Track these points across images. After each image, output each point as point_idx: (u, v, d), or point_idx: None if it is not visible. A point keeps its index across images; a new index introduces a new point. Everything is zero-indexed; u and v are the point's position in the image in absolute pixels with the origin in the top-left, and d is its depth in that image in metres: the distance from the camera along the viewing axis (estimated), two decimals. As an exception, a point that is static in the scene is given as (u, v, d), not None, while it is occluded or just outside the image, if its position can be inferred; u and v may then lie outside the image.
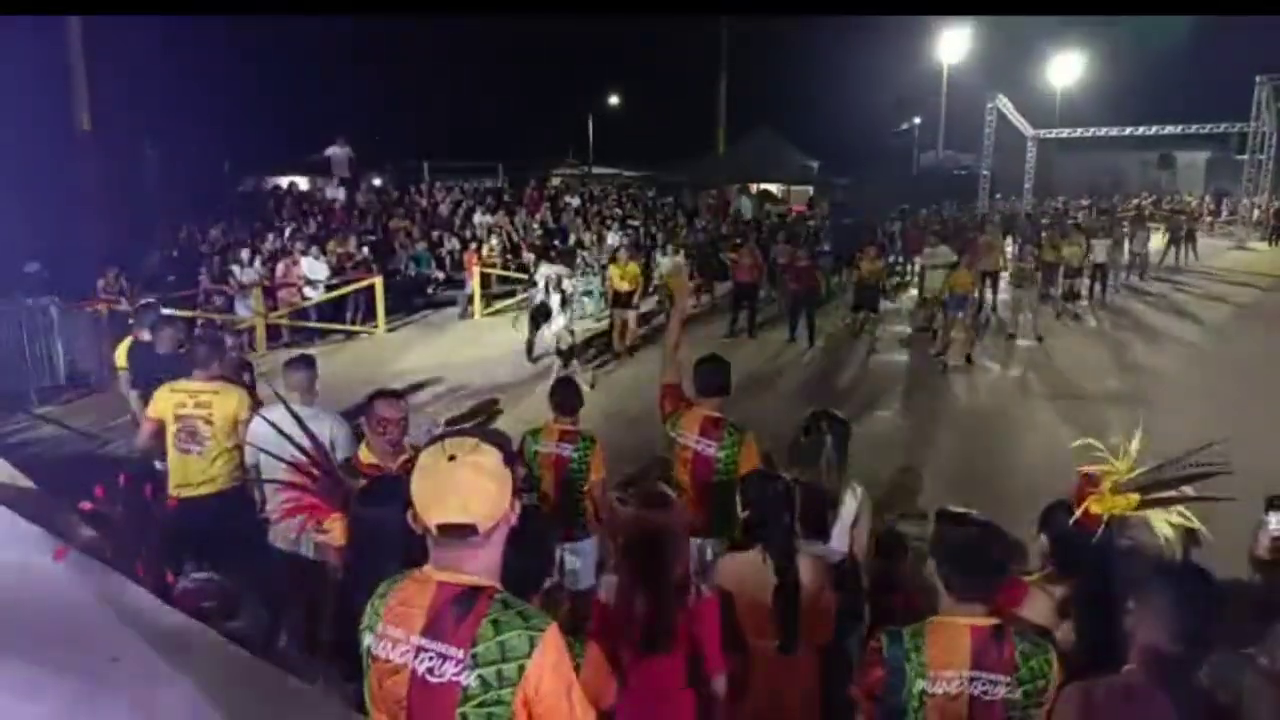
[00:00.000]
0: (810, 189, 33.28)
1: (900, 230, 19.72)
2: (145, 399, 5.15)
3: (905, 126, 41.06)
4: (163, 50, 15.74)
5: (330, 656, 2.73)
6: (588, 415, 4.79)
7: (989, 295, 14.68)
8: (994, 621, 2.29)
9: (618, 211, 21.80)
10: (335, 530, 3.24)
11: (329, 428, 4.24)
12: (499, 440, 1.92)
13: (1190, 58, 34.69)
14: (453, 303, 15.92)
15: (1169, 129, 25.70)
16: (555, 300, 11.29)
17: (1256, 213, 26.10)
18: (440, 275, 16.79)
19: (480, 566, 1.89)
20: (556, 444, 4.42)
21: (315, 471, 3.31)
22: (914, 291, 15.00)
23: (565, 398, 4.54)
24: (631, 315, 12.43)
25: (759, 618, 2.95)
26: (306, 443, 3.35)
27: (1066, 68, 37.27)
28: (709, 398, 4.24)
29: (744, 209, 26.07)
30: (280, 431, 3.51)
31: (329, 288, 13.84)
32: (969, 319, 11.59)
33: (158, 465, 5.07)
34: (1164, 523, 2.74)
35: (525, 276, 16.39)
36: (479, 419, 8.92)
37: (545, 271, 11.97)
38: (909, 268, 18.36)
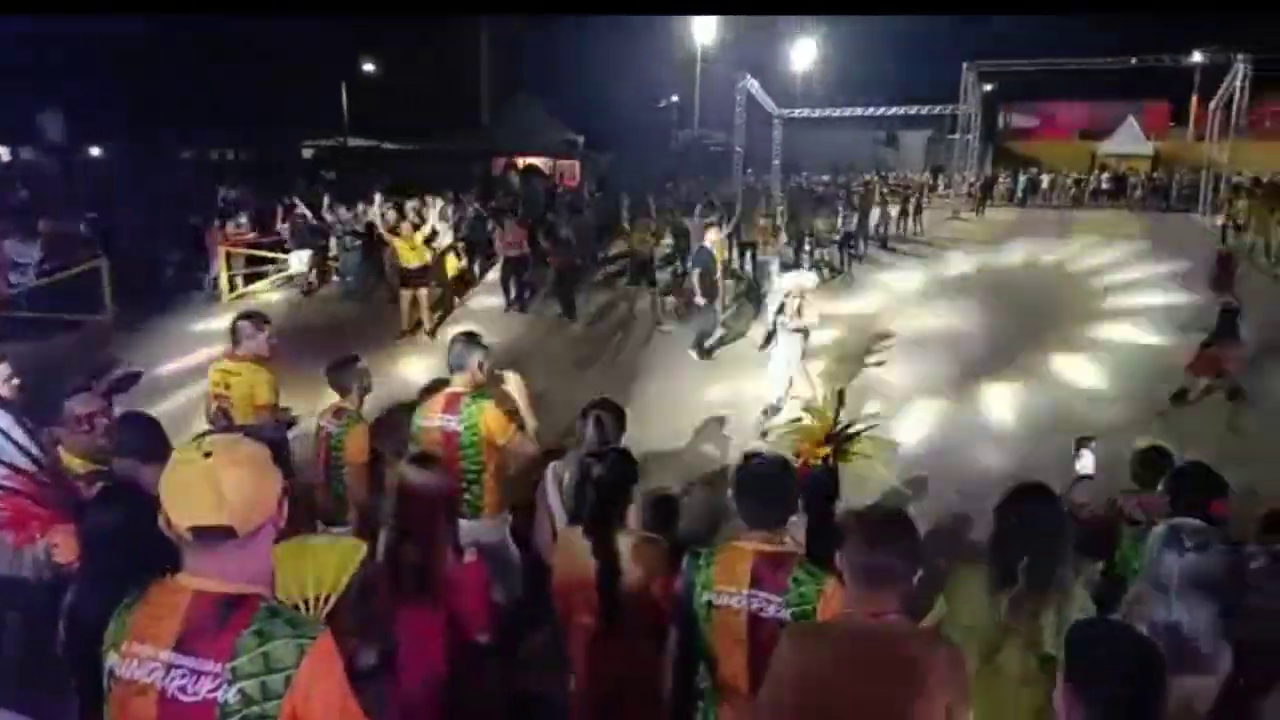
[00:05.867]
0: (575, 163, 33.56)
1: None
2: None
3: (664, 104, 42.25)
4: None
5: (64, 684, 2.48)
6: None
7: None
8: (777, 549, 2.57)
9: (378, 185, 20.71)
10: (64, 543, 2.94)
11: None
12: (272, 437, 1.81)
13: (909, 44, 38.47)
14: (198, 286, 14.59)
15: (894, 110, 28.28)
16: (792, 330, 8.07)
17: (966, 186, 29.55)
18: (177, 255, 15.29)
19: (243, 573, 1.75)
20: (329, 419, 4.35)
21: (38, 478, 2.98)
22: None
23: (338, 375, 4.49)
24: (424, 293, 11.58)
25: (586, 596, 2.97)
26: (31, 447, 2.99)
27: (806, 52, 40.07)
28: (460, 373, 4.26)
29: (512, 182, 25.87)
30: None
31: (44, 272, 12.21)
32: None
33: None
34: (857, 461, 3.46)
35: (282, 255, 15.27)
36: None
37: (790, 283, 8.57)
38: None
